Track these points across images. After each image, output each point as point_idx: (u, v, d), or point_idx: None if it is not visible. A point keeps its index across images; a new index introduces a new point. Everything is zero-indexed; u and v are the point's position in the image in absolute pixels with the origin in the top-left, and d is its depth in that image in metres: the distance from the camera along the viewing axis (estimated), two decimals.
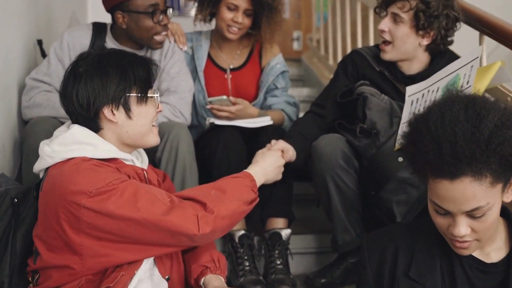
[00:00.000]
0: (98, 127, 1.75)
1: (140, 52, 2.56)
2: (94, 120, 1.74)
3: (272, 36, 2.84)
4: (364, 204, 2.38)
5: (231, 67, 2.90)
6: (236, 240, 2.40)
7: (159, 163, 2.37)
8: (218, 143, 2.51)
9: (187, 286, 1.87)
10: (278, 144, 2.29)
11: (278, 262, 2.39)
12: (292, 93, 3.18)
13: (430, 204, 1.45)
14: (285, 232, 2.43)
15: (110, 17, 2.58)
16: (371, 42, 3.70)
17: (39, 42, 2.81)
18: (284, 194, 2.50)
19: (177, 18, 2.58)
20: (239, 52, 2.91)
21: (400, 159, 2.22)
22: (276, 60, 2.90)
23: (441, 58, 2.40)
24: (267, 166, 2.09)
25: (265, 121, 2.64)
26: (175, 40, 2.74)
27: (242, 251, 2.39)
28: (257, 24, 2.81)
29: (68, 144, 1.70)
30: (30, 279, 1.70)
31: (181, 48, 2.76)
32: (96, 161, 1.67)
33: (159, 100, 1.84)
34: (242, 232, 2.42)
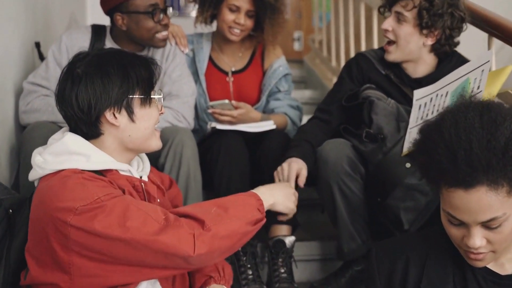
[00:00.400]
0: (98, 132, 1.65)
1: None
2: (95, 125, 1.63)
3: (275, 38, 2.80)
4: (370, 211, 2.33)
5: (233, 69, 2.84)
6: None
7: (162, 169, 2.32)
8: (220, 148, 2.46)
9: None
10: (289, 168, 2.22)
11: (282, 271, 2.33)
12: (294, 95, 3.13)
13: (443, 214, 1.40)
14: (289, 240, 2.38)
15: (109, 19, 2.52)
16: (375, 43, 3.66)
17: (37, 45, 2.76)
18: None
19: (177, 18, 2.53)
20: (240, 54, 2.86)
21: (408, 165, 2.17)
22: (279, 63, 2.85)
23: (448, 61, 2.36)
24: (273, 187, 1.93)
25: (268, 125, 2.59)
26: (176, 43, 2.69)
27: (245, 259, 2.33)
28: (259, 26, 2.76)
29: (59, 154, 1.60)
30: None
31: (182, 51, 2.71)
32: (88, 173, 1.57)
33: (162, 101, 1.76)
34: None
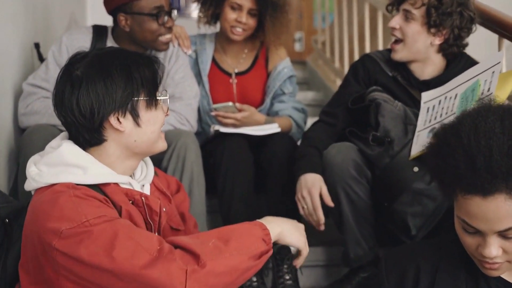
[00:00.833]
0: (101, 139, 1.54)
1: None
2: (98, 131, 1.52)
3: (278, 38, 2.75)
4: (376, 216, 2.28)
5: (236, 71, 2.80)
6: None
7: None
8: (223, 152, 2.42)
9: None
10: (311, 196, 2.19)
11: (287, 278, 2.27)
12: (297, 96, 3.07)
13: (458, 222, 1.36)
14: None
15: (110, 19, 2.48)
16: (380, 44, 3.61)
17: (36, 46, 2.71)
18: (292, 204, 2.39)
19: (177, 19, 2.48)
20: (244, 55, 2.81)
21: (416, 169, 2.13)
22: (283, 65, 2.80)
23: (457, 62, 2.31)
24: (281, 218, 1.69)
25: (272, 128, 2.55)
26: (179, 44, 2.64)
27: None
28: (262, 26, 2.71)
29: (55, 165, 1.50)
30: None
31: (185, 52, 2.66)
32: (82, 189, 1.46)
33: (168, 103, 1.65)
34: None
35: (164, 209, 1.62)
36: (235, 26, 2.66)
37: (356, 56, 4.00)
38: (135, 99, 1.54)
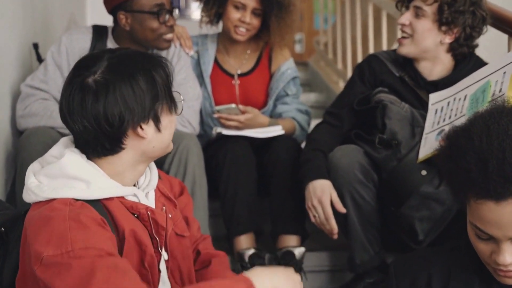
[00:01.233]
0: (121, 147, 1.43)
1: None
2: (120, 140, 1.42)
3: (282, 39, 2.70)
4: (383, 220, 2.23)
5: (239, 72, 2.75)
6: (246, 259, 2.26)
7: None
8: (226, 155, 2.37)
9: None
10: (322, 205, 2.14)
11: None
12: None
13: (470, 228, 1.31)
14: (298, 251, 2.29)
15: (111, 19, 2.44)
16: (384, 44, 3.57)
17: (35, 46, 2.66)
18: (297, 209, 2.36)
19: (177, 19, 2.43)
20: (247, 56, 2.76)
21: (424, 173, 2.09)
22: (287, 65, 2.75)
23: (466, 63, 2.26)
24: (275, 269, 1.47)
25: (276, 130, 2.51)
26: (180, 44, 2.59)
27: None
28: (266, 26, 2.66)
29: (55, 177, 1.40)
30: None
31: (187, 53, 2.61)
32: (82, 207, 1.37)
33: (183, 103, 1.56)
34: (253, 251, 2.28)
35: (170, 215, 1.56)
36: (238, 26, 2.60)
37: (359, 57, 3.96)
38: (159, 104, 1.46)
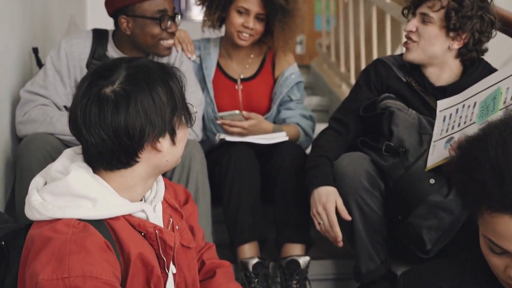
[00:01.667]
0: (136, 161, 1.38)
1: None
2: (136, 153, 1.37)
3: (286, 44, 2.66)
4: (389, 229, 2.19)
5: (242, 77, 2.71)
6: (250, 269, 2.22)
7: None
8: (229, 162, 2.34)
9: None
10: (327, 212, 2.10)
11: None
12: None
13: (484, 241, 1.28)
14: (303, 260, 2.25)
15: (111, 22, 2.39)
16: (388, 48, 3.53)
17: (35, 50, 2.62)
18: (301, 217, 2.32)
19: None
20: (250, 61, 2.73)
21: (432, 181, 2.05)
22: (290, 70, 2.72)
23: (474, 68, 2.22)
24: None
25: (280, 137, 2.47)
26: (182, 49, 2.54)
27: (256, 281, 2.21)
28: (269, 30, 2.62)
29: (61, 195, 1.34)
30: None
31: (189, 58, 2.57)
32: (86, 229, 1.31)
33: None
34: (256, 260, 2.24)
35: (176, 227, 1.52)
36: (241, 31, 2.56)
37: (363, 60, 3.92)
38: (177, 116, 1.42)
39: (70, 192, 1.34)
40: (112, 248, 1.33)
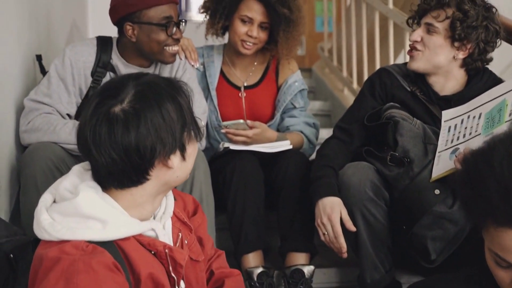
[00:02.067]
0: (146, 178, 1.37)
1: (148, 70, 2.37)
2: (147, 171, 1.36)
3: (290, 52, 2.65)
4: (394, 238, 2.19)
5: (245, 84, 2.70)
6: (255, 278, 2.21)
7: None
8: (233, 171, 2.33)
9: None
10: (332, 223, 2.10)
11: None
12: None
13: (489, 255, 1.26)
14: (308, 269, 2.24)
15: (112, 26, 2.37)
16: (391, 53, 3.53)
17: (38, 58, 2.60)
18: (305, 226, 2.32)
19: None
20: (253, 68, 2.72)
21: (437, 192, 2.04)
22: (294, 78, 2.71)
23: (479, 78, 2.22)
24: None
25: (284, 145, 2.46)
26: (186, 57, 2.53)
27: None
28: (273, 38, 2.62)
29: (70, 215, 1.33)
30: None
31: (192, 65, 2.56)
32: (94, 251, 1.30)
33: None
34: (261, 269, 2.23)
35: (185, 241, 1.51)
36: (245, 40, 2.56)
37: (365, 65, 3.92)
38: (186, 132, 1.40)
39: (79, 214, 1.33)
40: (122, 269, 1.32)
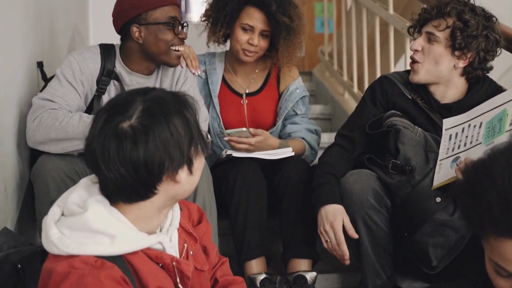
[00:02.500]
0: (153, 193, 1.38)
1: (150, 78, 2.38)
2: (154, 186, 1.37)
3: (290, 59, 2.67)
4: (395, 245, 2.20)
5: (247, 91, 2.72)
6: (258, 284, 2.23)
7: None
8: (236, 178, 2.34)
9: None
10: (335, 231, 2.12)
11: None
12: None
13: (490, 264, 1.27)
14: (310, 276, 2.26)
15: (112, 29, 2.37)
16: (391, 58, 3.54)
17: (40, 64, 2.60)
18: (308, 232, 2.33)
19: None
20: (255, 75, 2.73)
21: (438, 199, 2.06)
22: (295, 85, 2.72)
23: (479, 86, 2.24)
24: None
25: (286, 152, 2.47)
26: (187, 64, 2.54)
27: None
28: (274, 46, 2.63)
29: (79, 230, 1.34)
30: None
31: (193, 73, 2.56)
32: (103, 266, 1.30)
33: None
34: (264, 276, 2.25)
35: (191, 252, 1.53)
36: (246, 48, 2.58)
37: (365, 69, 3.93)
38: (194, 146, 1.41)
39: (88, 228, 1.34)
40: (130, 283, 1.33)
